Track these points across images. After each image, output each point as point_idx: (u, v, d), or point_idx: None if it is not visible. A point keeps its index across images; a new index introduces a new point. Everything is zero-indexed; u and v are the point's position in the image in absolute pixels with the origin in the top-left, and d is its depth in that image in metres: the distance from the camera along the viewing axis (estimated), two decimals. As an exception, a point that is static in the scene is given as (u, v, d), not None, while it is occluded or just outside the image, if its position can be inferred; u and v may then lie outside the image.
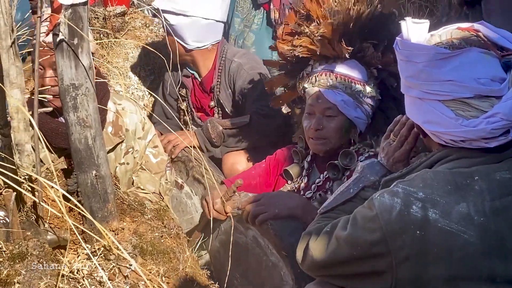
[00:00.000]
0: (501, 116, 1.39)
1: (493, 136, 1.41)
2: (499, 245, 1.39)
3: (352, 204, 1.69)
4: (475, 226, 1.39)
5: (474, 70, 1.42)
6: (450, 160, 1.49)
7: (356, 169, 1.80)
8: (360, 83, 2.39)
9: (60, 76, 1.74)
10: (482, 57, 1.43)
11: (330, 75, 2.39)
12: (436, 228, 1.39)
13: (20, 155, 1.74)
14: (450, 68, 1.42)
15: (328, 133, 2.40)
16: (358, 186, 1.73)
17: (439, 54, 1.44)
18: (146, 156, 2.71)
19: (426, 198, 1.41)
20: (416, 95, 1.50)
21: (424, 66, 1.45)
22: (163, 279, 1.85)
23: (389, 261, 1.42)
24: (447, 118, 1.44)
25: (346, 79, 2.38)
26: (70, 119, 1.78)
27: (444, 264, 1.39)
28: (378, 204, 1.45)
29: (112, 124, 2.54)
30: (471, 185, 1.42)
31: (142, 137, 2.68)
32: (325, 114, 2.39)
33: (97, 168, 1.83)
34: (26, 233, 1.76)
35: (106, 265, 1.77)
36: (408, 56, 1.49)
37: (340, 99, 2.37)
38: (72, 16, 1.69)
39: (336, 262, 1.52)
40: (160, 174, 2.75)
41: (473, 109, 1.43)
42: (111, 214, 1.89)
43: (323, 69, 2.42)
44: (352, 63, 2.41)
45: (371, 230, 1.44)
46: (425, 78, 1.46)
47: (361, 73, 2.41)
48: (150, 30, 4.18)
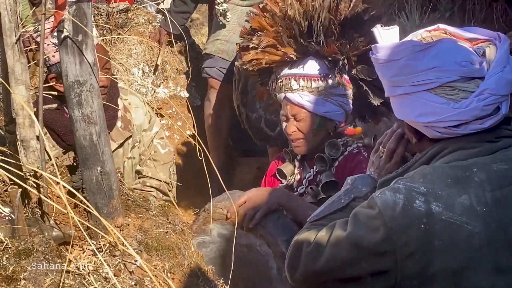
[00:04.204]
0: (489, 91, 1.45)
1: (486, 113, 1.46)
2: (502, 234, 1.40)
3: (342, 214, 1.66)
4: (478, 217, 1.40)
5: (454, 55, 1.48)
6: (446, 153, 1.51)
7: (346, 181, 1.79)
8: (320, 79, 2.45)
9: (65, 72, 1.74)
10: (456, 44, 1.50)
11: (290, 79, 2.46)
12: (440, 221, 1.39)
13: (25, 151, 1.74)
14: (430, 57, 1.48)
15: (302, 133, 2.48)
16: (350, 196, 1.72)
17: (416, 46, 1.50)
18: (154, 147, 2.76)
19: (428, 192, 1.42)
20: (403, 91, 1.53)
21: (405, 61, 1.50)
22: (168, 275, 1.85)
23: (393, 259, 1.41)
24: (438, 105, 1.48)
25: (306, 78, 2.44)
26: (74, 116, 1.78)
27: (450, 256, 1.39)
28: (380, 201, 1.44)
29: (121, 119, 2.57)
30: (470, 177, 1.44)
31: (148, 128, 2.71)
32: (296, 117, 2.47)
33: (102, 165, 1.83)
34: (31, 229, 1.76)
35: (112, 261, 1.77)
36: (387, 56, 1.54)
37: (306, 99, 2.44)
38: (76, 13, 1.69)
39: (336, 266, 1.48)
40: (168, 164, 2.79)
41: (460, 91, 1.47)
42: (116, 210, 1.89)
43: (284, 74, 2.49)
44: (310, 61, 2.47)
45: (374, 228, 1.43)
46: (410, 71, 1.50)
47: (320, 68, 2.46)
48: (153, 26, 4.18)
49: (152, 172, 2.72)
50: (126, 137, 2.58)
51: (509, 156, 1.48)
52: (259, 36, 2.48)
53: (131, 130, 2.60)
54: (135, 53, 3.96)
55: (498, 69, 1.47)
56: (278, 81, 2.51)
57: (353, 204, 1.67)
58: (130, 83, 3.76)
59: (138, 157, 2.71)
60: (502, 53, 1.49)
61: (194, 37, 5.48)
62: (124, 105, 2.63)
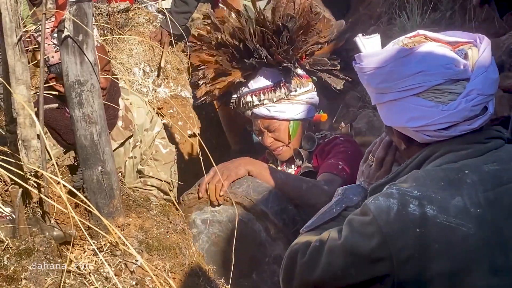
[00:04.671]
0: (476, 92, 1.46)
1: (475, 114, 1.47)
2: (497, 235, 1.40)
3: (334, 223, 1.65)
4: (472, 218, 1.40)
5: (438, 58, 1.49)
6: (437, 157, 1.51)
7: (337, 192, 1.79)
8: (278, 87, 2.48)
9: (65, 72, 1.74)
10: (439, 48, 1.51)
11: (251, 95, 2.50)
12: (435, 224, 1.39)
13: (26, 151, 1.74)
14: (415, 62, 1.49)
15: (280, 142, 2.54)
16: (341, 206, 1.71)
17: (401, 51, 1.51)
18: (156, 146, 2.77)
19: (421, 195, 1.41)
20: (392, 97, 1.54)
21: (391, 67, 1.51)
22: (169, 274, 1.85)
23: (389, 264, 1.40)
24: (427, 108, 1.49)
25: (264, 91, 2.48)
26: (75, 116, 1.78)
27: (446, 259, 1.39)
28: (374, 207, 1.43)
29: (122, 118, 2.58)
30: (463, 179, 1.44)
31: (149, 128, 2.72)
32: (269, 129, 2.53)
33: (103, 164, 1.83)
34: (32, 229, 1.76)
35: (113, 260, 1.77)
36: (372, 64, 1.55)
37: (273, 110, 2.48)
38: (77, 13, 1.69)
39: (331, 275, 1.46)
40: (170, 164, 2.80)
41: (448, 93, 1.49)
42: (117, 210, 1.89)
43: (243, 93, 2.53)
44: (263, 73, 2.50)
45: (369, 235, 1.41)
46: (396, 77, 1.51)
47: (274, 76, 2.49)
48: (154, 26, 4.18)
49: (154, 172, 2.73)
50: (127, 136, 2.59)
51: (500, 157, 1.49)
52: (204, 70, 2.52)
53: (132, 129, 2.61)
54: (135, 53, 3.96)
55: (482, 70, 1.49)
56: (240, 100, 2.55)
57: (345, 214, 1.67)
58: (131, 83, 3.76)
59: (140, 156, 2.71)
60: (484, 54, 1.51)
61: (194, 37, 5.48)
62: (125, 105, 2.64)
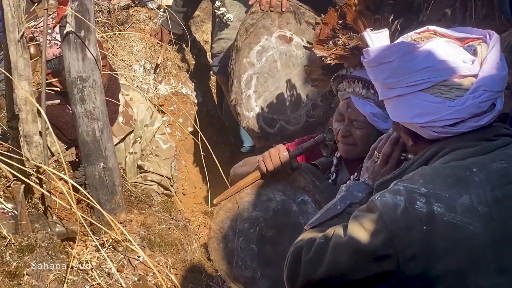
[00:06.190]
0: (484, 88, 1.45)
1: (482, 110, 1.46)
2: (504, 233, 1.39)
3: (339, 220, 1.62)
4: (479, 217, 1.38)
5: (445, 54, 1.48)
6: (445, 153, 1.50)
7: (341, 189, 1.77)
8: None
9: (67, 68, 1.74)
10: (447, 43, 1.50)
11: (362, 84, 2.24)
12: (442, 222, 1.38)
13: (28, 147, 1.74)
14: (422, 57, 1.48)
15: (355, 140, 2.29)
16: (345, 202, 1.68)
17: (408, 47, 1.49)
18: (156, 142, 2.77)
19: (429, 193, 1.40)
20: (398, 93, 1.53)
21: (398, 62, 1.50)
22: (171, 270, 1.85)
23: (395, 262, 1.39)
24: (434, 104, 1.47)
25: (374, 89, 2.11)
26: (77, 112, 1.78)
27: (453, 257, 1.38)
28: (381, 204, 1.42)
29: (123, 114, 2.58)
30: (470, 177, 1.42)
31: (149, 124, 2.73)
32: (354, 123, 2.27)
33: (105, 160, 1.83)
34: (34, 225, 1.76)
35: (115, 256, 1.77)
36: (379, 59, 1.54)
37: (370, 111, 2.23)
38: (79, 9, 1.69)
39: (337, 273, 1.44)
40: (170, 159, 2.80)
41: (455, 89, 1.47)
42: (119, 206, 1.89)
43: (356, 76, 2.25)
44: None
45: (375, 232, 1.40)
46: (403, 73, 1.50)
47: None
48: (154, 23, 4.18)
49: (154, 167, 2.72)
50: (127, 132, 2.59)
51: (509, 155, 1.47)
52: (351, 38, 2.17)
53: (132, 125, 2.61)
54: (136, 50, 3.95)
55: (491, 66, 1.47)
56: (348, 79, 2.27)
57: (349, 210, 1.65)
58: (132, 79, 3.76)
59: (140, 152, 2.72)
60: (493, 50, 1.49)
61: (195, 34, 5.46)
62: (126, 100, 2.64)
